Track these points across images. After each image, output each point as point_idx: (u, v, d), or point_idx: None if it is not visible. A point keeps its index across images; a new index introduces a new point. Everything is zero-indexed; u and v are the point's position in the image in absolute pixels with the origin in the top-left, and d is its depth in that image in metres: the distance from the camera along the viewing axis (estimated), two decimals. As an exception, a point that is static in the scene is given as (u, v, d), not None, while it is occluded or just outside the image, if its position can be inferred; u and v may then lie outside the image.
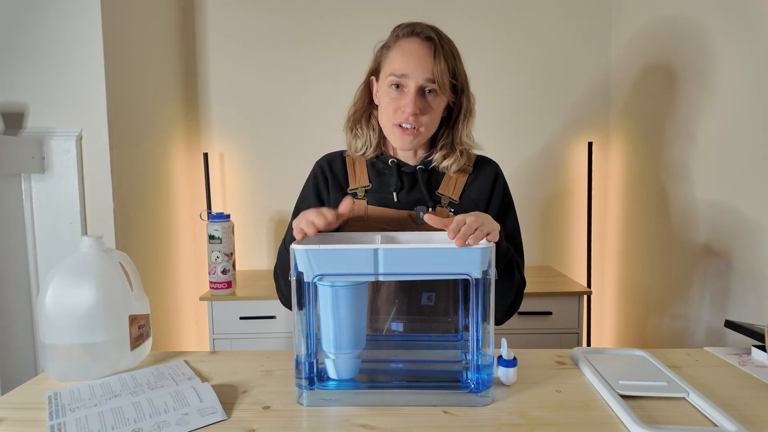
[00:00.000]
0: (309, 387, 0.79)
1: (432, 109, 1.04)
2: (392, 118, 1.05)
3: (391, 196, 1.09)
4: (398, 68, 1.02)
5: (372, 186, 1.11)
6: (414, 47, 1.02)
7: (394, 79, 1.03)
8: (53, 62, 1.59)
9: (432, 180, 1.11)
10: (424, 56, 1.01)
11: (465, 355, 0.86)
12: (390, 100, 1.04)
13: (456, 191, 1.10)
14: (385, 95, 1.06)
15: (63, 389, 0.84)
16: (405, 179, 1.11)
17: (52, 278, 0.89)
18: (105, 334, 0.89)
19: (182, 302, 2.25)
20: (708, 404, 0.74)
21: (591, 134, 2.33)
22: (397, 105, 1.03)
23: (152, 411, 0.74)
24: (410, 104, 1.01)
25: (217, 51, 2.31)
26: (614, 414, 0.74)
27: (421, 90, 1.02)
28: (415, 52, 1.01)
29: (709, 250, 1.61)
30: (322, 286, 0.79)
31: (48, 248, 1.60)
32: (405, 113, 1.02)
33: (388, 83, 1.04)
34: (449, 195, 1.09)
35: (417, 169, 1.11)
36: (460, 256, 0.75)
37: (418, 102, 1.01)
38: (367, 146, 1.12)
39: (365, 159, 1.14)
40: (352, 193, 1.11)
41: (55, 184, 1.60)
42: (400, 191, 1.09)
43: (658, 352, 0.99)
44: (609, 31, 2.29)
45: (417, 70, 1.00)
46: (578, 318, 1.95)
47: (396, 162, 1.11)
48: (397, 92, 1.03)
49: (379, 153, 1.14)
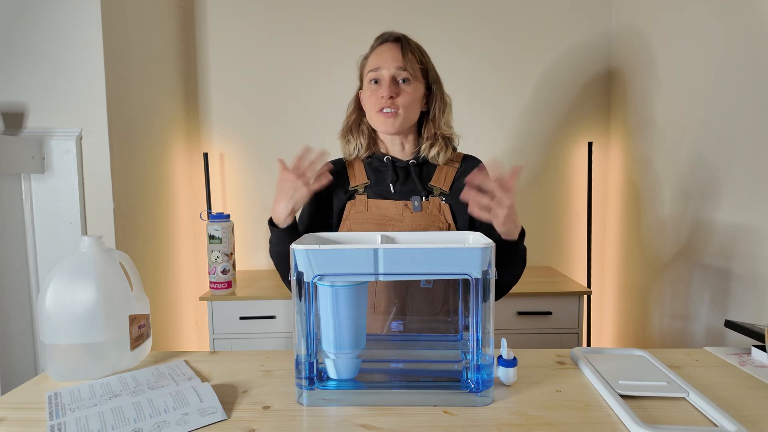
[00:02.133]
0: (309, 387, 0.79)
1: (407, 93, 1.16)
2: (374, 106, 1.17)
3: (388, 188, 1.21)
4: (373, 65, 1.18)
5: (370, 182, 1.23)
6: (384, 47, 1.19)
7: (371, 74, 1.18)
8: (53, 62, 1.59)
9: (424, 173, 1.23)
10: (394, 51, 1.17)
11: (465, 355, 0.86)
12: (371, 92, 1.19)
13: (446, 182, 1.21)
14: (367, 90, 1.20)
15: (63, 389, 0.84)
16: (399, 173, 1.23)
17: (52, 278, 0.89)
18: (105, 334, 0.89)
19: (182, 302, 2.25)
20: (708, 404, 0.74)
21: (591, 134, 2.33)
22: (377, 95, 1.17)
23: (152, 411, 0.74)
24: (386, 89, 1.15)
25: (218, 50, 2.31)
26: (614, 414, 0.74)
27: (394, 79, 1.16)
28: (385, 51, 1.18)
29: (709, 250, 1.61)
30: (322, 286, 0.79)
31: (48, 248, 1.60)
32: (383, 99, 1.15)
33: (368, 80, 1.19)
34: (440, 186, 1.21)
35: (410, 163, 1.22)
36: (460, 256, 0.75)
37: (392, 87, 1.15)
38: (359, 149, 1.24)
39: (360, 160, 1.26)
40: (353, 190, 1.22)
41: (55, 184, 1.60)
42: (395, 183, 1.21)
43: (658, 352, 0.99)
44: (609, 29, 2.29)
45: (387, 61, 1.16)
46: (578, 318, 1.95)
47: (390, 158, 1.23)
48: (376, 85, 1.18)
49: (371, 153, 1.25)
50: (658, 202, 1.92)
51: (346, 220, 1.19)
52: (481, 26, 2.28)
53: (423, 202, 1.18)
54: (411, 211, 1.17)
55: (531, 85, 2.31)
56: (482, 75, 2.28)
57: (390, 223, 1.17)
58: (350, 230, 1.17)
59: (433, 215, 1.17)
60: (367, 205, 1.19)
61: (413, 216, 1.16)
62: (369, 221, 1.17)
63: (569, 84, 2.31)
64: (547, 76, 2.30)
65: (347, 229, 1.18)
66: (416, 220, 1.16)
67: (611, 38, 2.29)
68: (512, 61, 2.30)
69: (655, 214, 1.94)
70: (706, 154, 1.63)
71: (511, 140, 2.33)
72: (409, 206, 1.17)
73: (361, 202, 1.20)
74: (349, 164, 1.26)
